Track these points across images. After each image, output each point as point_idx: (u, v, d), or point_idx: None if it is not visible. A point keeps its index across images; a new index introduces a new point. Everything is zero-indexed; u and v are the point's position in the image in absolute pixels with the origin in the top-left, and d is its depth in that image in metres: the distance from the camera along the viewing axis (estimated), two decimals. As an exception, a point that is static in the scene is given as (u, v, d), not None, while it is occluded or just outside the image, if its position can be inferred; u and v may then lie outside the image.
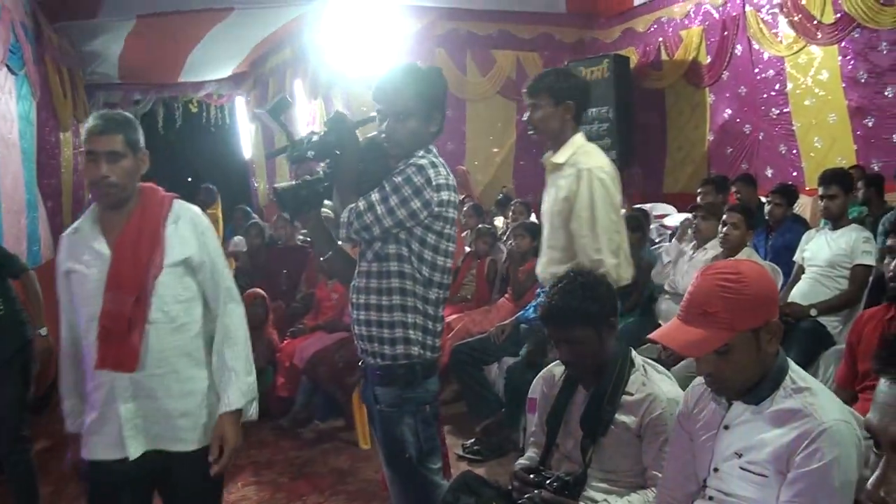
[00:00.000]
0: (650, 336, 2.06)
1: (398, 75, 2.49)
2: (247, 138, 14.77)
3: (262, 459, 4.92)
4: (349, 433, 5.23)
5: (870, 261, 4.42)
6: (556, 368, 2.61)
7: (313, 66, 10.47)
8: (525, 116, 3.27)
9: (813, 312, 4.39)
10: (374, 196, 2.37)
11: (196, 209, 2.57)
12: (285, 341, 5.78)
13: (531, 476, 2.31)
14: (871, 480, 0.93)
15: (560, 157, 3.14)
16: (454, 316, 5.74)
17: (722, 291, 1.83)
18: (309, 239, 6.38)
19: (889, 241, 2.63)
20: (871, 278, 4.45)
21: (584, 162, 3.08)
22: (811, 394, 1.83)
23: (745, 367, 1.85)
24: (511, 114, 11.42)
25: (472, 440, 4.81)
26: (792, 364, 1.92)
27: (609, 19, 11.30)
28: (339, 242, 2.64)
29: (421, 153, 2.43)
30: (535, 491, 2.23)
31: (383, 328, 2.44)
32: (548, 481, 2.24)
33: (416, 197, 2.35)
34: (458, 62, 10.65)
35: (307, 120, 11.02)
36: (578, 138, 3.16)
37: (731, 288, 1.83)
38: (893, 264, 2.57)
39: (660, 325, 4.90)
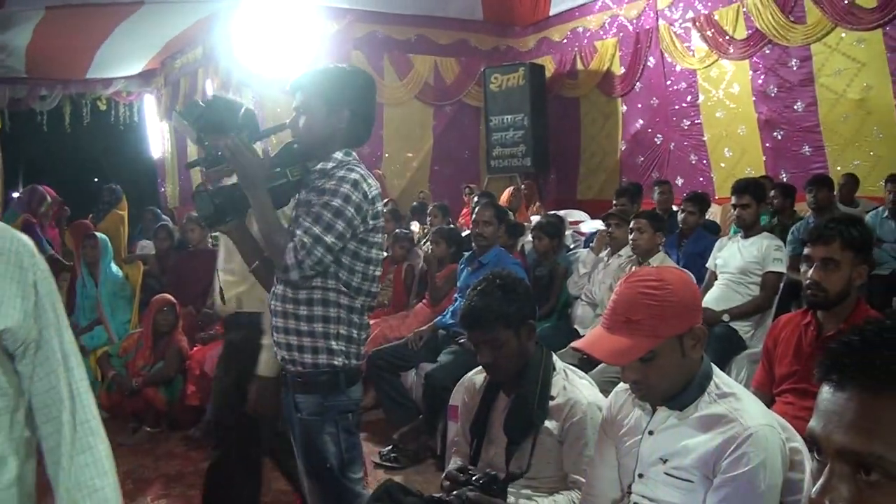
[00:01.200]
0: (574, 345, 2.05)
1: (316, 71, 2.45)
2: (156, 138, 14.42)
3: (171, 472, 4.72)
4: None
5: (780, 268, 4.55)
6: (476, 376, 2.60)
7: (225, 65, 10.26)
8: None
9: (725, 318, 4.49)
10: (316, 229, 2.26)
11: (25, 238, 1.41)
12: (195, 348, 5.58)
13: (461, 476, 2.27)
14: (815, 489, 0.92)
15: None
16: (371, 322, 5.65)
17: (645, 299, 1.83)
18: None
19: (806, 250, 2.67)
20: (781, 285, 4.58)
21: None
22: (736, 399, 1.84)
23: (670, 373, 1.85)
24: (428, 119, 11.44)
25: (390, 447, 4.73)
26: (716, 370, 1.93)
27: (524, 28, 11.45)
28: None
29: (340, 155, 2.37)
30: (463, 489, 2.19)
31: (303, 337, 2.36)
32: (475, 477, 2.20)
33: (357, 215, 2.31)
34: (375, 65, 10.56)
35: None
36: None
37: (654, 295, 1.82)
38: (810, 272, 2.62)
39: (576, 330, 4.95)
